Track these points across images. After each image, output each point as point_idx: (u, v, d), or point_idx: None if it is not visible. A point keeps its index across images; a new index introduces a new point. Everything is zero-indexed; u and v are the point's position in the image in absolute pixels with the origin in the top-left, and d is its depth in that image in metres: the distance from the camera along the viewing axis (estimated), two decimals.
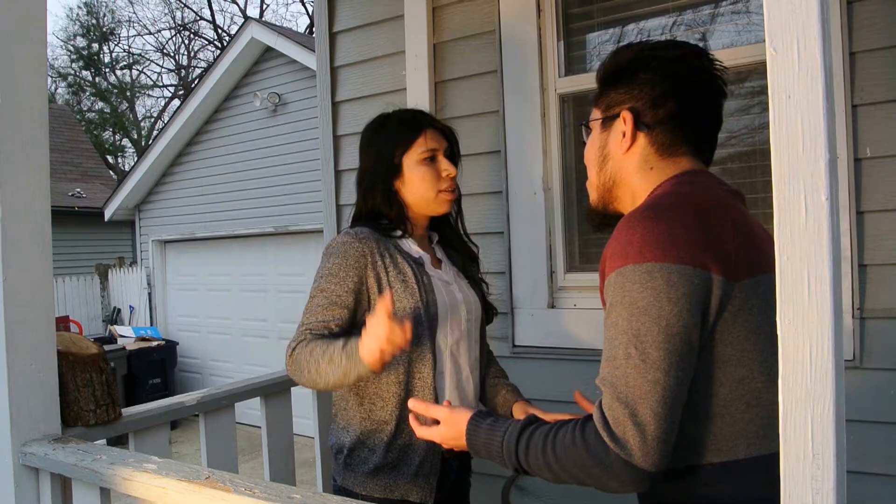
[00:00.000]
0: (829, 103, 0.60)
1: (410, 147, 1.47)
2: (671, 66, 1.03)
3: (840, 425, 0.61)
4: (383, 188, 1.48)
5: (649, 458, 0.84)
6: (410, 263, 1.44)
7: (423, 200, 1.48)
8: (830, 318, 0.61)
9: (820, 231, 0.61)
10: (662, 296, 0.85)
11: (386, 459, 1.40)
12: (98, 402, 1.39)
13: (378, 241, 1.43)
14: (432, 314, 1.42)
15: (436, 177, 1.47)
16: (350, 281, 1.39)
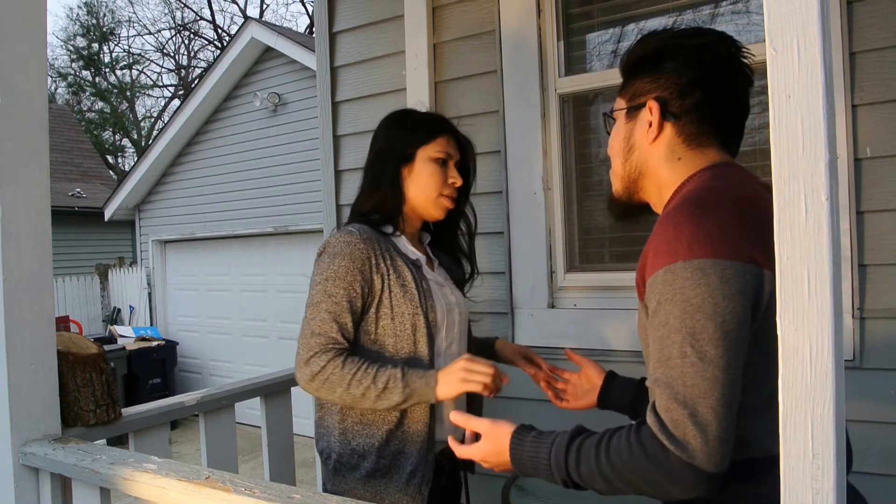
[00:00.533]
0: (829, 103, 0.60)
1: (429, 143, 1.46)
2: (698, 53, 1.01)
3: (840, 425, 0.61)
4: (392, 173, 1.46)
5: (712, 458, 0.82)
6: (409, 266, 1.42)
7: (423, 197, 1.46)
8: (830, 318, 0.61)
9: (820, 231, 0.61)
10: (717, 292, 0.83)
11: (377, 466, 1.36)
12: (98, 402, 1.39)
13: (378, 242, 1.40)
14: (430, 320, 1.40)
15: (442, 180, 1.46)
16: (357, 285, 1.35)
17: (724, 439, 0.82)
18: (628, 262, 2.22)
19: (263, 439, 1.83)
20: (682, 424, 0.82)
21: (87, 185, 11.91)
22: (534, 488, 1.60)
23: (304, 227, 6.39)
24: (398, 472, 1.37)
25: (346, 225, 1.45)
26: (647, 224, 2.23)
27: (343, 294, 1.34)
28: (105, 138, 21.75)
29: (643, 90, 1.05)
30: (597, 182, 2.31)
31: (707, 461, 0.81)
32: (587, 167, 2.31)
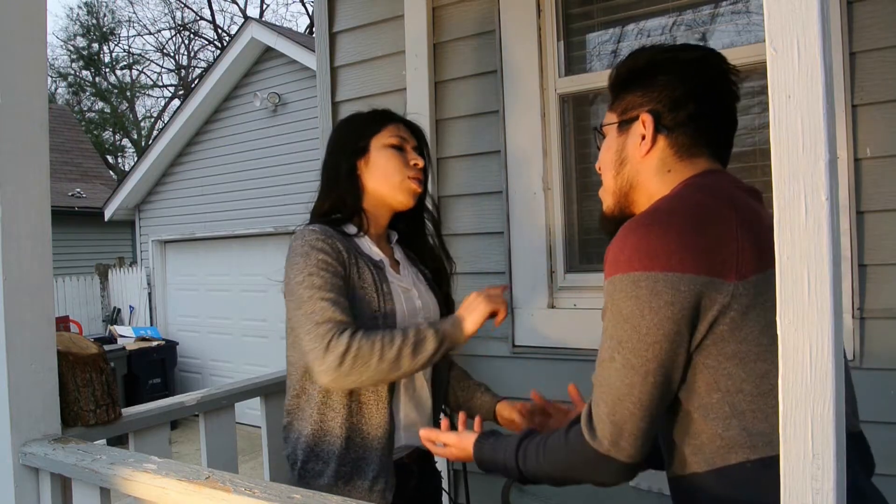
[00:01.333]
0: (829, 103, 0.60)
1: (379, 132, 1.44)
2: (692, 67, 1.03)
3: (840, 425, 0.61)
4: (346, 168, 1.42)
5: (624, 451, 0.92)
6: (370, 267, 1.36)
7: (387, 184, 1.41)
8: (830, 318, 0.61)
9: (820, 231, 0.61)
10: (644, 305, 0.89)
11: (339, 473, 1.33)
12: (98, 402, 1.39)
13: (340, 241, 1.34)
14: (389, 324, 1.33)
15: (403, 162, 1.42)
16: (339, 277, 1.29)
17: (638, 436, 0.92)
18: None
19: (263, 439, 1.83)
20: (602, 420, 0.93)
21: (87, 185, 11.91)
22: (534, 488, 1.60)
23: None
24: (361, 477, 1.33)
25: (303, 227, 1.38)
26: None
27: (330, 282, 1.27)
28: (105, 138, 21.75)
29: (635, 104, 1.06)
30: (597, 182, 2.30)
31: (619, 453, 0.92)
32: (587, 167, 2.31)
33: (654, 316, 0.89)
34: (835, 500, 0.61)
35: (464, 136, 2.43)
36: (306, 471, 1.36)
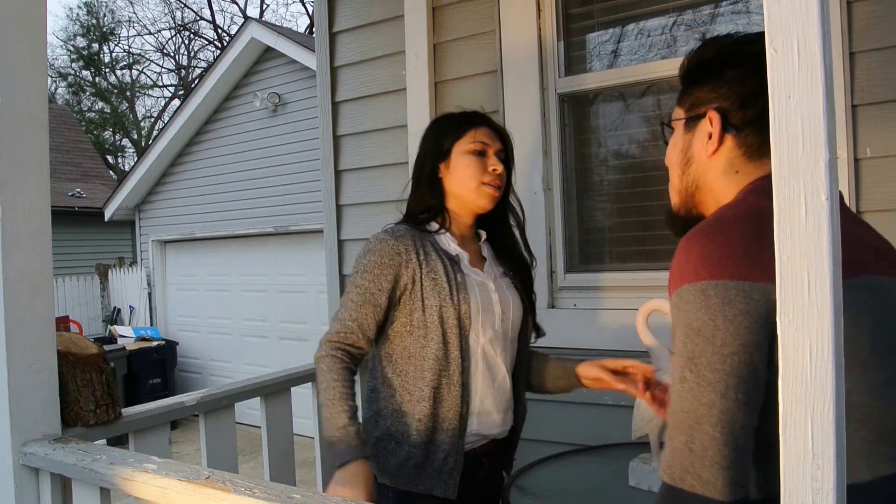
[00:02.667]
0: (829, 103, 0.60)
1: (461, 136, 1.48)
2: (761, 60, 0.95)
3: (840, 425, 0.61)
4: (429, 170, 1.50)
5: (711, 486, 0.78)
6: (444, 260, 1.44)
7: (465, 189, 1.47)
8: (830, 318, 0.61)
9: (820, 231, 0.60)
10: (717, 314, 0.80)
11: (411, 454, 1.41)
12: (98, 402, 1.39)
13: (415, 238, 1.44)
14: (462, 313, 1.41)
15: (481, 169, 1.47)
16: (384, 280, 1.40)
17: (724, 465, 0.78)
18: (628, 262, 2.22)
19: (263, 439, 1.83)
20: (681, 453, 0.80)
21: (87, 185, 11.91)
22: (534, 488, 1.61)
23: (304, 227, 6.39)
24: (431, 460, 1.41)
25: (391, 225, 1.50)
26: (646, 225, 2.24)
27: (368, 286, 1.40)
28: (105, 138, 21.74)
29: (703, 100, 0.99)
30: (597, 182, 2.31)
31: (708, 488, 0.78)
32: (587, 167, 2.31)
33: (728, 325, 0.80)
34: (835, 500, 0.61)
35: None
36: (378, 448, 1.44)
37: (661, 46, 2.17)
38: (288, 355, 6.57)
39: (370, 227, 2.67)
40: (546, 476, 1.72)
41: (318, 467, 2.01)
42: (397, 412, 1.43)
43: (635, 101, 2.24)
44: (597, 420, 2.11)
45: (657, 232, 2.18)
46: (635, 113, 2.24)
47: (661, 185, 2.18)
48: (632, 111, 2.25)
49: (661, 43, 2.17)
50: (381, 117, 2.63)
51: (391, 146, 2.60)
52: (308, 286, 6.53)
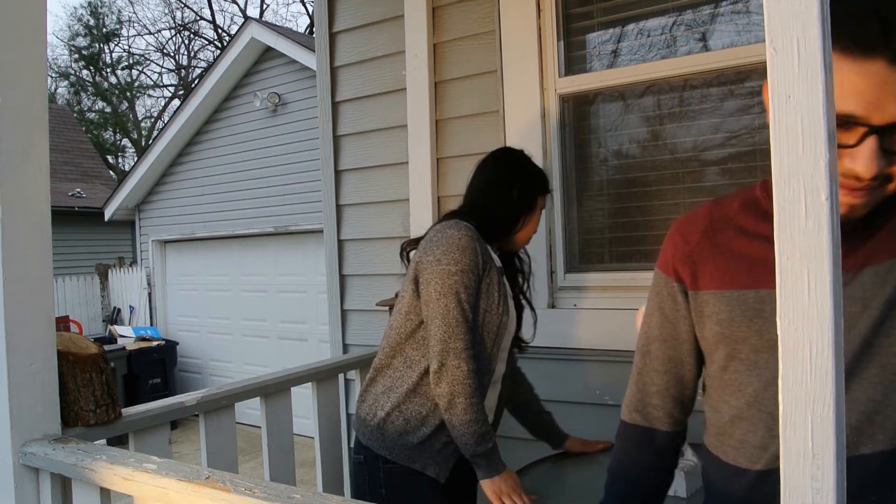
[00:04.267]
0: (829, 103, 0.60)
1: (544, 197, 1.70)
2: None
3: (840, 425, 0.61)
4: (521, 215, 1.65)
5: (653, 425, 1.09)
6: (497, 273, 1.56)
7: (525, 238, 1.69)
8: (830, 318, 0.60)
9: (820, 231, 0.60)
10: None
11: (415, 435, 1.53)
12: (98, 402, 1.39)
13: (481, 242, 1.55)
14: (501, 323, 1.56)
15: (536, 225, 1.70)
16: (477, 279, 1.50)
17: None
18: (628, 262, 2.22)
19: (263, 439, 1.83)
20: None
21: (87, 185, 11.90)
22: (534, 488, 1.61)
23: (304, 227, 6.39)
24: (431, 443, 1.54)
25: (456, 218, 1.58)
26: (646, 225, 2.24)
27: (468, 299, 1.48)
28: (105, 138, 21.73)
29: None
30: (596, 182, 2.31)
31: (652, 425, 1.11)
32: (587, 167, 2.31)
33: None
34: (835, 500, 0.61)
35: (464, 136, 2.43)
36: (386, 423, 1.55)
37: (661, 46, 2.17)
38: (288, 355, 6.57)
39: (370, 227, 2.67)
40: (546, 476, 1.73)
41: (318, 467, 2.01)
42: (414, 394, 1.54)
43: (635, 101, 2.24)
44: (597, 420, 2.11)
45: (657, 232, 2.18)
46: (635, 113, 2.24)
47: (661, 185, 2.18)
48: (632, 111, 2.25)
49: (661, 43, 2.17)
50: (381, 117, 2.63)
51: (391, 146, 2.60)
52: (308, 286, 6.53)
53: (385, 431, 1.55)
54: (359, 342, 2.68)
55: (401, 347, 1.57)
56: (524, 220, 1.66)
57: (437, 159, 2.48)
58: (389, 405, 1.55)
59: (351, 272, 2.73)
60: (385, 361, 1.60)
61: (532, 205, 1.66)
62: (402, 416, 1.54)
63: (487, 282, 1.52)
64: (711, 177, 2.11)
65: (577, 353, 2.16)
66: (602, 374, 2.14)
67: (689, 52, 2.11)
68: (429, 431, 1.53)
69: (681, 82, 2.13)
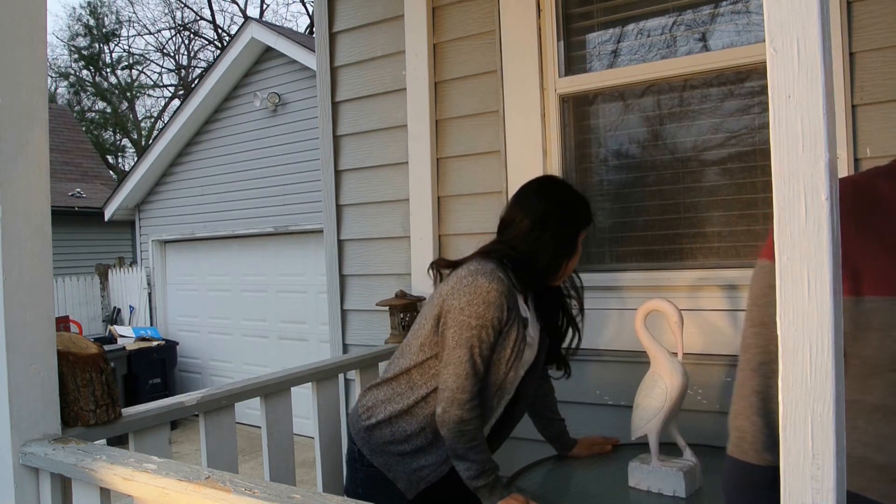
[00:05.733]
0: (828, 103, 0.60)
1: (583, 231, 1.64)
2: None
3: (840, 425, 0.61)
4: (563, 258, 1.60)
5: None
6: (518, 325, 1.54)
7: (566, 273, 1.63)
8: (830, 318, 0.61)
9: (820, 231, 0.60)
10: None
11: (397, 447, 1.58)
12: (98, 402, 1.39)
13: (512, 293, 1.53)
14: (510, 377, 1.56)
15: (579, 257, 1.64)
16: (495, 331, 1.51)
17: None
18: (628, 262, 2.22)
19: (263, 439, 1.83)
20: None
21: (87, 185, 11.90)
22: (533, 488, 1.61)
23: (304, 227, 6.39)
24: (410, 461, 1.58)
25: (492, 263, 1.54)
26: (646, 225, 2.24)
27: (484, 353, 1.50)
28: (105, 138, 21.73)
29: None
30: (596, 182, 2.31)
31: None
32: (587, 167, 2.31)
33: None
34: (835, 500, 0.61)
35: (464, 136, 2.43)
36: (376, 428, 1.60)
37: (661, 46, 2.17)
38: (288, 355, 6.57)
39: (370, 227, 2.67)
40: (545, 476, 1.73)
41: (319, 467, 2.01)
42: (407, 413, 1.59)
43: (635, 101, 2.24)
44: (597, 420, 2.11)
45: (657, 232, 2.18)
46: (635, 113, 2.24)
47: (661, 185, 2.18)
48: (632, 111, 2.25)
49: (660, 43, 2.17)
50: (381, 117, 2.63)
51: (391, 146, 2.60)
52: (308, 286, 6.53)
53: (372, 435, 1.62)
54: (359, 342, 2.68)
55: (408, 371, 1.62)
56: (567, 263, 1.61)
57: (437, 159, 2.48)
58: (383, 415, 1.61)
59: (351, 272, 2.73)
60: (392, 374, 1.65)
61: (576, 246, 1.61)
62: (391, 427, 1.60)
63: (505, 335, 1.52)
64: (711, 177, 2.11)
65: (576, 353, 2.16)
66: (602, 373, 2.14)
67: (689, 52, 2.11)
68: (409, 449, 1.58)
69: (681, 82, 2.13)
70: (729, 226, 2.05)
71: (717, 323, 1.97)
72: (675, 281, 2.06)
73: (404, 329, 2.30)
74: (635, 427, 1.57)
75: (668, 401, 1.50)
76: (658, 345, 1.54)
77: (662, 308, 1.52)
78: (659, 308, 1.53)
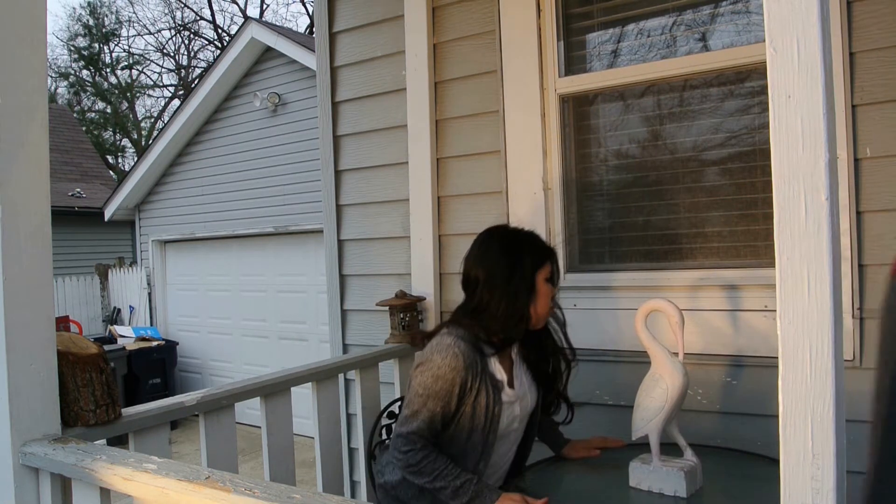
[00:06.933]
0: (828, 103, 0.60)
1: (542, 267, 1.61)
2: None
3: (840, 425, 0.61)
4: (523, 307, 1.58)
5: None
6: (489, 390, 1.57)
7: (538, 316, 1.61)
8: (830, 318, 0.61)
9: (820, 231, 0.60)
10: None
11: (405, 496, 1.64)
12: (98, 402, 1.39)
13: (473, 366, 1.55)
14: (489, 441, 1.58)
15: (550, 295, 1.62)
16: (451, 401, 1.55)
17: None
18: (628, 262, 2.22)
19: (263, 439, 1.83)
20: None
21: (87, 185, 11.90)
22: (534, 488, 1.61)
23: (304, 227, 6.39)
24: None
25: (455, 333, 1.57)
26: (646, 225, 2.24)
27: (439, 408, 1.54)
28: (105, 138, 21.73)
29: None
30: (597, 182, 2.31)
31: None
32: (587, 167, 2.31)
33: None
34: (834, 500, 0.61)
35: (464, 136, 2.43)
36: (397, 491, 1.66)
37: (661, 46, 2.17)
38: (288, 355, 6.57)
39: (370, 227, 2.67)
40: (545, 476, 1.72)
41: (318, 467, 2.01)
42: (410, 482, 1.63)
43: (635, 101, 2.24)
44: (597, 420, 2.11)
45: (657, 232, 2.18)
46: (635, 113, 2.24)
47: (661, 184, 2.18)
48: (632, 111, 2.25)
49: (661, 43, 2.17)
50: (381, 117, 2.63)
51: (391, 146, 2.60)
52: (308, 286, 6.53)
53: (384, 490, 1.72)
54: (359, 342, 2.68)
55: None
56: (533, 308, 1.59)
57: (437, 159, 2.48)
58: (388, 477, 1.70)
59: (351, 272, 2.73)
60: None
61: (534, 288, 1.59)
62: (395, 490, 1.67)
63: (474, 404, 1.56)
64: (711, 177, 2.11)
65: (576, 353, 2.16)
66: (602, 373, 2.14)
67: (689, 52, 2.11)
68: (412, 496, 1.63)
69: (681, 82, 2.13)
70: (729, 226, 2.05)
71: (717, 323, 1.97)
72: (674, 281, 2.06)
73: (404, 329, 2.30)
74: (636, 427, 1.57)
75: (669, 401, 1.50)
76: (659, 345, 1.54)
77: (663, 308, 1.52)
78: (660, 308, 1.53)
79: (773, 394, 0.75)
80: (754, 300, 1.91)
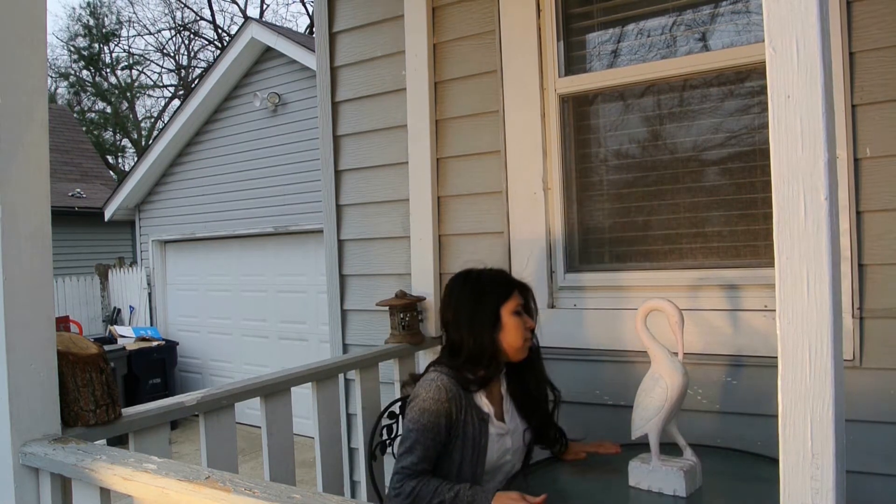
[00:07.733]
0: (828, 103, 0.60)
1: (507, 300, 1.70)
2: None
3: (839, 425, 0.61)
4: (490, 341, 1.68)
5: None
6: (475, 423, 1.65)
7: (513, 348, 1.69)
8: (830, 318, 0.61)
9: (820, 231, 0.60)
10: None
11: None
12: (98, 402, 1.39)
13: (457, 399, 1.64)
14: (478, 472, 1.65)
15: (522, 327, 1.70)
16: (441, 433, 1.62)
17: None
18: (628, 262, 2.22)
19: (263, 439, 1.83)
20: None
21: (87, 185, 11.90)
22: (534, 488, 1.61)
23: (304, 227, 6.39)
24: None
25: (439, 370, 1.67)
26: (646, 225, 2.24)
27: (430, 440, 1.61)
28: (105, 138, 21.73)
29: None
30: (596, 182, 2.31)
31: None
32: (587, 167, 2.31)
33: None
34: (834, 500, 0.61)
35: (464, 136, 2.43)
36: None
37: (661, 46, 2.17)
38: (288, 355, 6.57)
39: (370, 227, 2.67)
40: (545, 476, 1.73)
41: (318, 467, 2.01)
42: None
43: (635, 101, 2.24)
44: (597, 420, 2.11)
45: (657, 232, 2.18)
46: (635, 113, 2.24)
47: (661, 184, 2.18)
48: (632, 111, 2.25)
49: (661, 43, 2.17)
50: (381, 117, 2.63)
51: (391, 146, 2.60)
52: (308, 286, 6.53)
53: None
54: (359, 342, 2.68)
55: None
56: (503, 340, 1.68)
57: (437, 159, 2.48)
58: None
59: (351, 272, 2.73)
60: None
61: (499, 321, 1.68)
62: None
63: (461, 437, 1.63)
64: (711, 177, 2.11)
65: (576, 353, 2.16)
66: (602, 373, 2.14)
67: (689, 52, 2.11)
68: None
69: (681, 82, 2.13)
70: (728, 225, 2.05)
71: (716, 323, 1.97)
72: (674, 281, 2.06)
73: (404, 329, 2.30)
74: (636, 426, 1.57)
75: (669, 400, 1.50)
76: (658, 344, 1.54)
77: (663, 308, 1.52)
78: (659, 308, 1.53)
79: (772, 394, 0.75)
80: (754, 300, 1.91)
